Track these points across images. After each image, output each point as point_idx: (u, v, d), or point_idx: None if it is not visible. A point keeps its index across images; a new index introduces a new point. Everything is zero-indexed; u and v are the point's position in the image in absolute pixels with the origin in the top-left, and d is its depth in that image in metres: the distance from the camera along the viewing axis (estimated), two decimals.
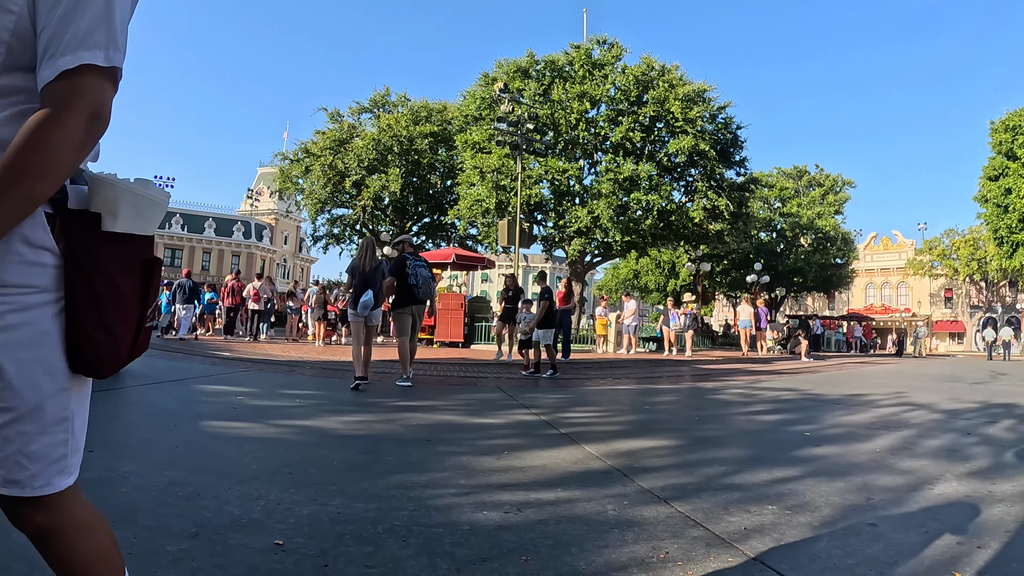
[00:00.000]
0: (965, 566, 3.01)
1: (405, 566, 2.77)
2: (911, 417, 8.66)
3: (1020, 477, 4.98)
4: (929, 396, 11.61)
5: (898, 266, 73.71)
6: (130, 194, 1.42)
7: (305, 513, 3.41)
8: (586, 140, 30.31)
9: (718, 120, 31.25)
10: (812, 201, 55.70)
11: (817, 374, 17.61)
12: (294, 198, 42.84)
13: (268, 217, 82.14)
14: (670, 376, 14.66)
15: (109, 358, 1.43)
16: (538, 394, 10.13)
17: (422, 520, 3.41)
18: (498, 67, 32.26)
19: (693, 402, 10.25)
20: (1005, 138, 40.36)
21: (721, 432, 7.24)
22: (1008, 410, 9.79)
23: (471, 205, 30.98)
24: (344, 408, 7.78)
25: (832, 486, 4.49)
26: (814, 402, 10.44)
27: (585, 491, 4.16)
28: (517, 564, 2.86)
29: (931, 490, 4.49)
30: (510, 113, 24.38)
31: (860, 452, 5.88)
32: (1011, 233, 39.94)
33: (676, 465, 5.14)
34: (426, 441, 5.80)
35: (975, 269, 59.59)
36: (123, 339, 1.45)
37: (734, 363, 21.12)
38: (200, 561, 2.68)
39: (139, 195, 1.44)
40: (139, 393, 8.19)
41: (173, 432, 5.62)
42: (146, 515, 3.24)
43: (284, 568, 2.68)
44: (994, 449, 6.29)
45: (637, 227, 29.32)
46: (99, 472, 3.97)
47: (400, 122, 37.35)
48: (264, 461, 4.65)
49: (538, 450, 5.47)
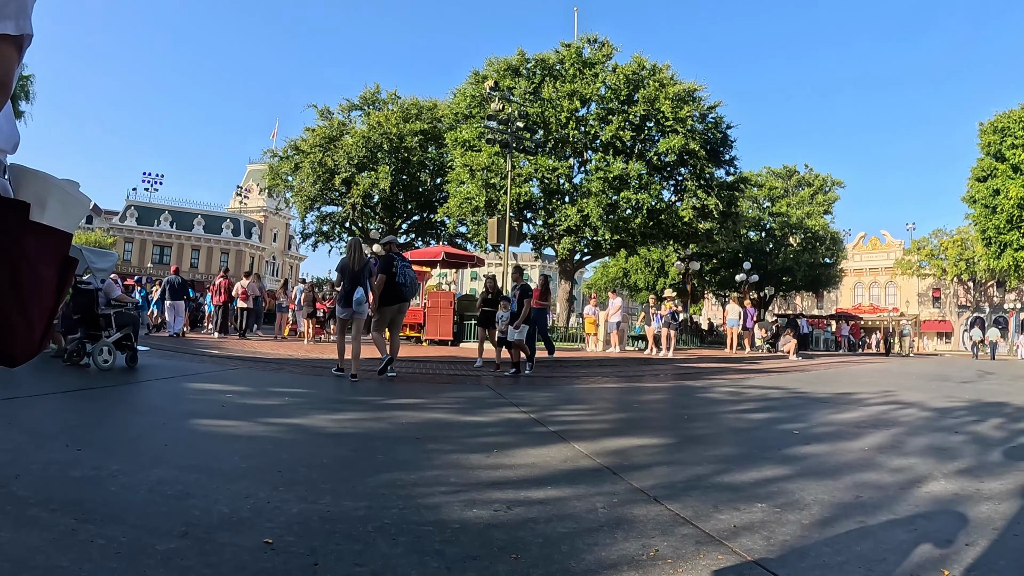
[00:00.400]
0: (954, 564, 3.03)
1: (395, 564, 2.76)
2: (899, 416, 8.70)
3: (1008, 475, 5.01)
4: (917, 395, 11.67)
5: (886, 266, 74.08)
6: (59, 190, 1.45)
7: (295, 511, 3.40)
8: (576, 139, 30.35)
9: (708, 120, 31.37)
10: (801, 201, 55.87)
11: (805, 373, 17.68)
12: (283, 195, 42.79)
13: (257, 214, 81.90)
14: (651, 375, 14.68)
15: (25, 349, 1.43)
16: (527, 392, 10.13)
17: (412, 518, 3.40)
18: (489, 65, 32.26)
19: (682, 400, 10.27)
20: (994, 139, 40.61)
21: (710, 430, 7.26)
22: (997, 408, 9.86)
23: (461, 203, 30.97)
24: (333, 406, 7.76)
25: (821, 484, 4.50)
26: (803, 400, 10.48)
27: (575, 489, 4.16)
28: (507, 562, 2.86)
29: (920, 488, 4.52)
30: (500, 111, 24.36)
31: (849, 451, 5.90)
32: (999, 234, 40.22)
33: (665, 463, 5.15)
34: (416, 439, 5.79)
35: (963, 269, 59.98)
36: (37, 331, 1.45)
37: (720, 361, 21.19)
38: (190, 560, 2.67)
39: (67, 192, 1.46)
40: (128, 391, 8.15)
41: (162, 430, 5.59)
42: (135, 514, 3.22)
43: (274, 567, 2.67)
44: (982, 447, 6.32)
45: (626, 226, 29.40)
46: (88, 471, 3.95)
47: (390, 120, 37.30)
48: (253, 459, 4.63)
49: (528, 448, 5.47)
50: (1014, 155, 38.81)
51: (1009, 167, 39.24)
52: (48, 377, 8.91)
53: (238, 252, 76.30)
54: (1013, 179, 38.75)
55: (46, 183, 1.42)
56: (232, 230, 76.90)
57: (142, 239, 73.24)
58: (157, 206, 74.83)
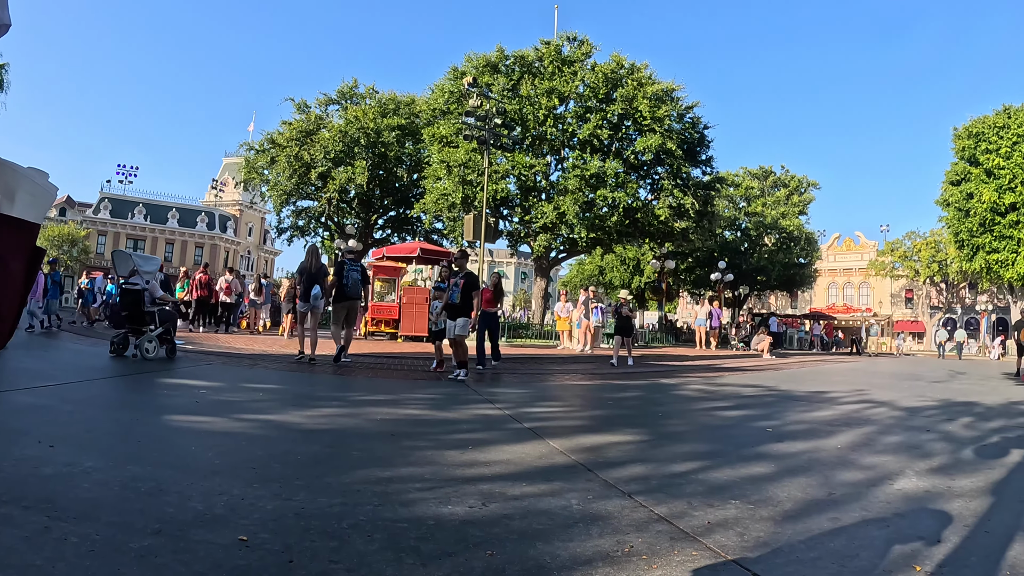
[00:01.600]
0: (926, 560, 3.08)
1: (371, 561, 2.76)
2: (872, 414, 8.81)
3: (978, 473, 5.10)
4: (890, 394, 11.82)
5: (860, 266, 74.85)
6: (28, 181, 1.41)
7: (269, 508, 3.38)
8: (554, 136, 30.36)
9: (686, 119, 31.51)
10: (777, 201, 56.31)
11: (779, 371, 17.83)
12: (259, 189, 42.30)
13: (233, 208, 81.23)
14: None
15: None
16: (502, 389, 10.15)
17: (387, 515, 3.40)
18: (467, 61, 32.17)
19: (657, 397, 10.33)
20: (968, 144, 41.14)
21: (684, 427, 7.31)
22: (967, 408, 10.02)
23: (437, 199, 30.86)
24: (308, 402, 7.73)
25: (795, 481, 4.55)
26: (776, 398, 10.57)
27: (550, 485, 4.18)
28: (483, 558, 2.87)
29: (892, 486, 4.58)
30: (478, 107, 24.31)
31: (822, 448, 5.97)
32: (972, 237, 40.79)
33: (640, 460, 5.18)
34: (391, 435, 5.78)
35: (935, 271, 60.84)
36: (7, 322, 1.43)
37: (689, 360, 21.31)
38: (164, 558, 2.65)
39: (36, 183, 1.43)
40: (100, 386, 8.07)
41: (135, 426, 5.54)
42: (108, 511, 3.19)
43: (249, 564, 2.65)
44: (953, 446, 6.43)
45: (603, 224, 29.48)
46: (60, 467, 3.90)
47: (368, 114, 37.07)
48: (227, 455, 4.60)
49: (503, 445, 5.48)
50: (988, 160, 39.37)
51: (983, 171, 39.78)
52: (19, 372, 8.79)
53: (213, 246, 75.65)
54: (986, 183, 39.31)
55: (15, 174, 1.38)
56: (207, 224, 76.25)
57: (115, 232, 72.40)
58: (131, 199, 74.04)
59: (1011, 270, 39.02)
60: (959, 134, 42.27)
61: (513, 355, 17.07)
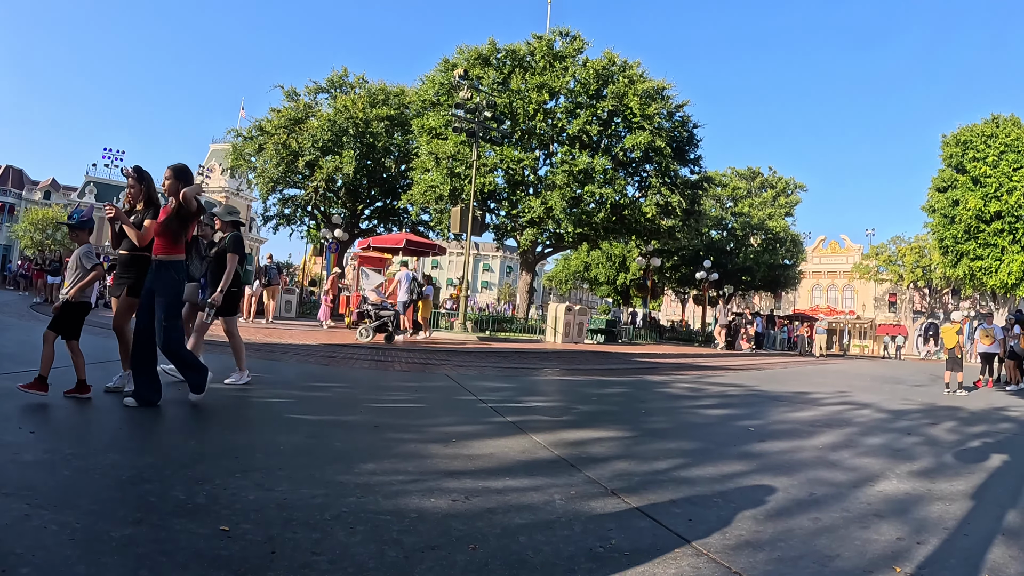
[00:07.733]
0: (906, 561, 3.10)
1: (353, 553, 2.75)
2: (854, 416, 8.89)
3: (959, 477, 5.15)
4: (871, 396, 11.91)
5: (845, 269, 75.22)
6: None
7: (251, 498, 3.36)
8: (543, 131, 30.30)
9: (675, 118, 31.52)
10: (764, 202, 56.55)
11: (762, 371, 17.93)
12: (246, 176, 41.97)
13: (219, 195, 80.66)
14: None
15: None
16: (487, 382, 10.13)
17: (370, 507, 3.39)
18: (459, 53, 32.02)
19: (640, 394, 10.36)
20: (956, 151, 41.36)
21: (667, 425, 7.33)
22: (951, 412, 10.11)
23: (425, 191, 30.76)
24: (290, 391, 7.70)
25: (777, 481, 4.58)
26: (759, 398, 10.63)
27: (533, 480, 4.19)
28: (465, 552, 2.86)
29: (874, 487, 4.62)
30: (468, 100, 24.25)
31: (804, 448, 6.01)
32: (956, 243, 41.05)
33: (623, 456, 5.20)
34: (374, 427, 5.76)
35: (919, 276, 61.22)
36: None
37: (671, 357, 21.40)
38: (145, 547, 2.62)
39: None
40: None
41: (115, 413, 5.48)
42: (88, 499, 3.16)
43: (230, 554, 2.63)
44: (935, 449, 6.49)
45: (590, 219, 29.47)
46: (40, 454, 3.87)
47: (357, 104, 36.85)
48: (209, 444, 4.57)
49: (486, 439, 5.48)
50: (975, 168, 39.61)
51: (969, 179, 40.03)
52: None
53: None
54: (973, 191, 39.57)
55: None
56: None
57: (100, 216, 71.73)
58: (117, 183, 73.27)
59: (994, 277, 39.31)
60: (947, 141, 42.50)
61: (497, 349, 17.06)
